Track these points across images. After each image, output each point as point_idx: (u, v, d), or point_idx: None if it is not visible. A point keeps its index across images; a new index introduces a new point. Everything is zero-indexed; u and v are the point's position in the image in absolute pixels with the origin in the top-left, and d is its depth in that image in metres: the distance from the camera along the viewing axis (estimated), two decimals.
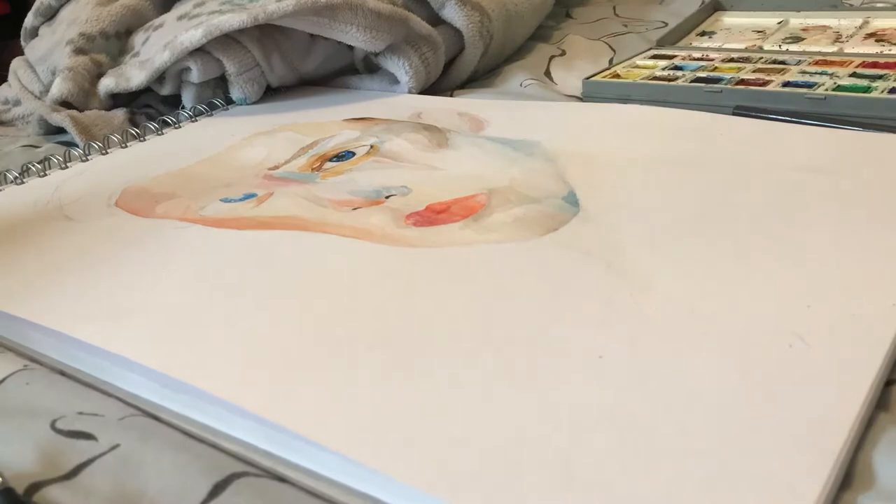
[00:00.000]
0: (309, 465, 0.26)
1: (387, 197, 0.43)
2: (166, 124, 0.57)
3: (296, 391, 0.28)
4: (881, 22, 0.68)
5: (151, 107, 0.63)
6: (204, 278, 0.36)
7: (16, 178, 0.50)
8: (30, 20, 0.74)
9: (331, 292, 0.34)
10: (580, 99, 0.59)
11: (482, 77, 0.67)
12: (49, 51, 0.67)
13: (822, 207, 0.38)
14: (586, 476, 0.23)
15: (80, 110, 0.60)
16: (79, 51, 0.63)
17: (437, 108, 0.57)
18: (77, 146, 0.54)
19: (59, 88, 0.61)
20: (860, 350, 0.28)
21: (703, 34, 0.72)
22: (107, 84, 0.61)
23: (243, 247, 0.38)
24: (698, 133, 0.47)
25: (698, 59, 0.62)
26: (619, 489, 0.23)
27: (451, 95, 0.63)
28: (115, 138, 0.55)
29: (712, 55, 0.63)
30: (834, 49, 0.63)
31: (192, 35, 0.57)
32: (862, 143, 0.45)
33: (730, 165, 0.43)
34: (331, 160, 0.48)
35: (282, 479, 0.26)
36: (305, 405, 0.27)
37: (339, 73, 0.66)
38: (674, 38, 0.69)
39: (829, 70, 0.56)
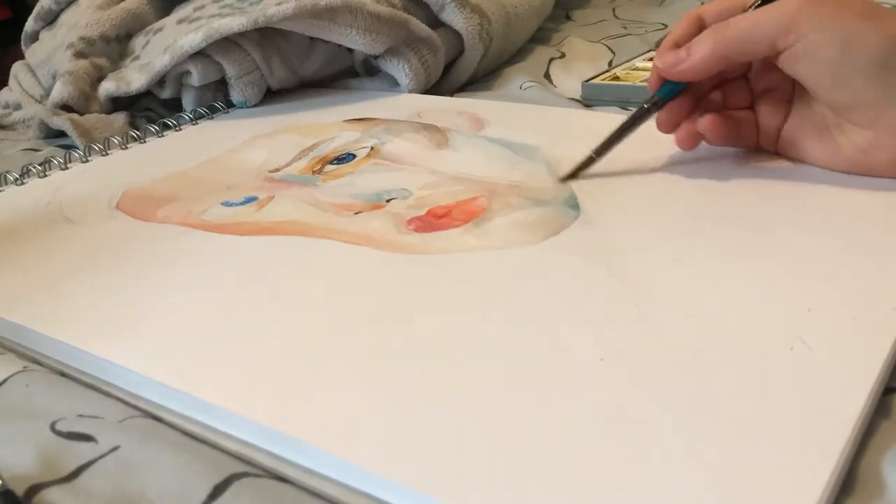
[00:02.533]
0: (310, 464, 0.26)
1: (388, 200, 0.43)
2: (167, 127, 0.58)
3: (298, 398, 0.28)
4: None
5: (152, 110, 0.63)
6: (206, 285, 0.36)
7: (16, 179, 0.50)
8: (30, 24, 0.74)
9: (332, 299, 0.34)
10: (580, 101, 0.59)
11: (482, 79, 0.67)
12: (50, 55, 0.67)
13: (823, 212, 0.38)
14: (587, 477, 0.23)
15: (81, 114, 0.60)
16: (79, 55, 0.63)
17: (437, 107, 0.57)
18: (78, 149, 0.54)
19: (59, 92, 0.61)
20: (861, 353, 0.28)
21: None
22: (107, 87, 0.61)
23: (245, 253, 0.38)
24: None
25: None
26: (620, 491, 0.23)
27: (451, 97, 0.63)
28: (115, 140, 0.55)
29: None
30: None
31: (192, 38, 0.57)
32: None
33: (731, 171, 0.43)
34: (331, 163, 0.48)
35: (282, 478, 0.26)
36: (308, 411, 0.27)
37: (339, 75, 0.66)
38: None
39: None
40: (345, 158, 0.49)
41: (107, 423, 0.29)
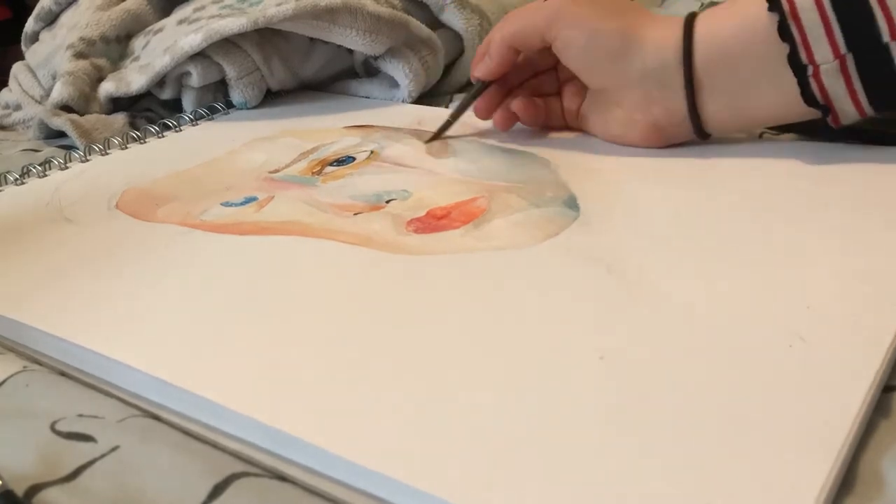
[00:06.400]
0: (310, 463, 0.26)
1: (387, 201, 0.43)
2: (167, 128, 0.58)
3: (297, 397, 0.28)
4: None
5: (152, 111, 0.63)
6: (205, 285, 0.36)
7: (16, 179, 0.50)
8: (30, 25, 0.74)
9: (332, 300, 0.34)
10: None
11: None
12: (50, 55, 0.67)
13: (822, 209, 0.38)
14: (586, 476, 0.23)
15: (81, 114, 0.60)
16: (79, 55, 0.63)
17: (438, 116, 0.57)
18: (78, 150, 0.54)
19: (59, 93, 0.61)
20: (860, 350, 0.28)
21: None
22: (107, 88, 0.61)
23: (244, 253, 0.38)
24: (696, 145, 0.47)
25: None
26: (619, 489, 0.23)
27: (451, 98, 0.63)
28: (115, 141, 0.55)
29: None
30: None
31: (193, 39, 0.57)
32: (862, 149, 0.45)
33: (729, 169, 0.43)
34: (331, 164, 0.48)
35: (282, 477, 0.26)
36: (308, 411, 0.27)
37: (339, 76, 0.66)
38: None
39: None
40: (345, 160, 0.49)
41: (107, 422, 0.29)
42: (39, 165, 0.51)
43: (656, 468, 0.24)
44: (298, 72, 0.63)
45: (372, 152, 0.50)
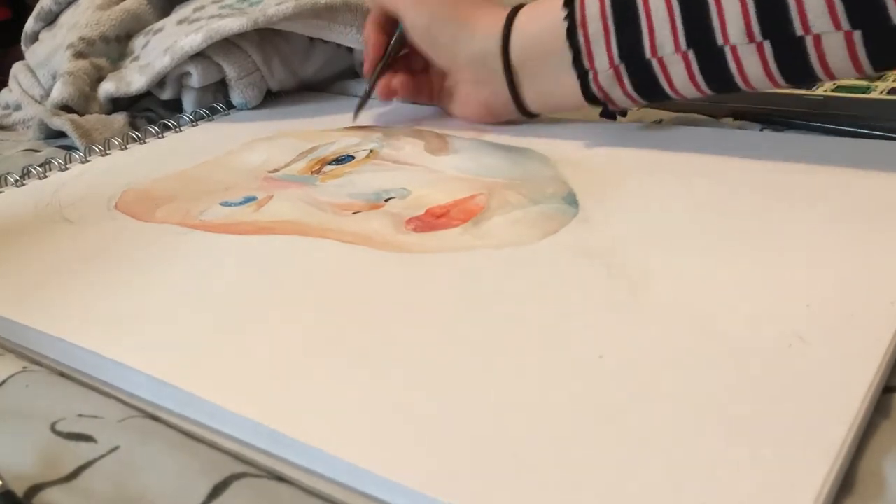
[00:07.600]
0: (309, 464, 0.26)
1: (386, 200, 0.43)
2: (167, 128, 0.58)
3: (296, 397, 0.28)
4: None
5: (152, 111, 0.63)
6: (204, 285, 0.36)
7: (16, 180, 0.50)
8: (30, 25, 0.74)
9: (331, 298, 0.34)
10: None
11: None
12: (49, 55, 0.67)
13: (822, 209, 0.38)
14: (586, 476, 0.23)
15: (81, 114, 0.60)
16: (79, 55, 0.63)
17: (438, 115, 0.57)
18: (78, 150, 0.54)
19: (59, 92, 0.61)
20: (859, 349, 0.28)
21: None
22: (107, 88, 0.61)
23: (243, 253, 0.38)
24: (696, 141, 0.47)
25: None
26: (619, 489, 0.23)
27: None
28: (115, 141, 0.55)
29: None
30: None
31: (193, 39, 0.57)
32: (861, 145, 0.45)
33: (729, 167, 0.43)
34: (330, 163, 0.48)
35: (281, 478, 0.26)
36: (306, 412, 0.27)
37: (339, 76, 0.66)
38: None
39: None
40: (344, 159, 0.49)
41: (107, 423, 0.29)
42: (39, 166, 0.51)
43: (656, 468, 0.24)
44: (298, 72, 0.63)
45: (371, 151, 0.50)
